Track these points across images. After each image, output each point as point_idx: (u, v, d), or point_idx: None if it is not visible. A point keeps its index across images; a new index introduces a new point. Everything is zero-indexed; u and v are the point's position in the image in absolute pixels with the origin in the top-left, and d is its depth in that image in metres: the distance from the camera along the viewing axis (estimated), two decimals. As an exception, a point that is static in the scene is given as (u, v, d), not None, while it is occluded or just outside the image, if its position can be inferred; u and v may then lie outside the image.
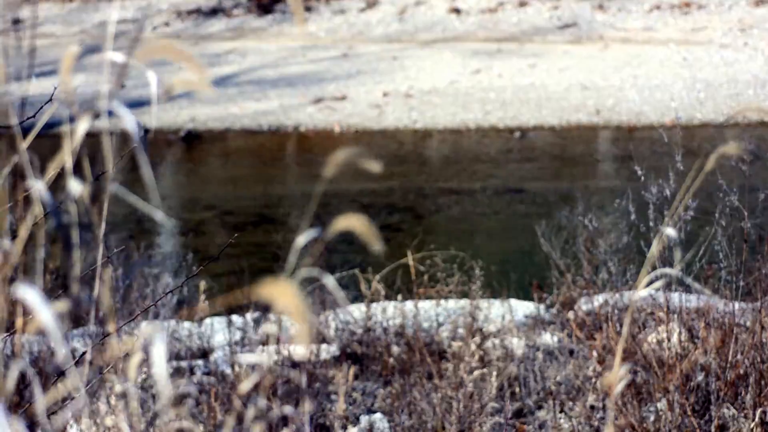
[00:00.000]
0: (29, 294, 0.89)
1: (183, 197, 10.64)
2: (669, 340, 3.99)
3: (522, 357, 4.45)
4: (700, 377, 3.78)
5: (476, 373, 4.12)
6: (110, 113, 1.19)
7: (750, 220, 4.04)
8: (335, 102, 13.50)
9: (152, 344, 1.00)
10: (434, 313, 5.06)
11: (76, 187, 1.02)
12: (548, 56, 14.90)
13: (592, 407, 3.90)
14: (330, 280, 1.13)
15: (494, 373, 4.15)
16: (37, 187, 1.02)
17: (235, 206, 10.31)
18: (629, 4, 16.63)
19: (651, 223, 3.90)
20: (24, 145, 1.15)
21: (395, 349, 4.74)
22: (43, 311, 0.88)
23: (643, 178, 4.01)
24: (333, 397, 4.27)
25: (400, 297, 4.95)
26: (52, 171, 1.15)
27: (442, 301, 5.13)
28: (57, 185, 1.08)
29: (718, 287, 4.23)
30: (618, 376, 1.42)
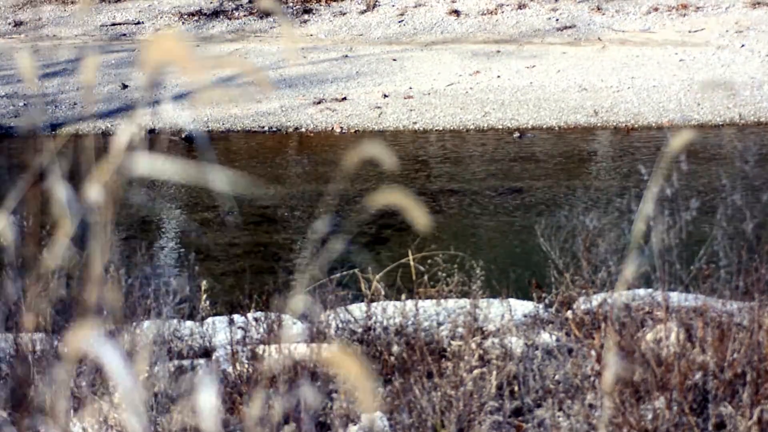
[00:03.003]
0: (110, 356, 0.88)
1: (185, 197, 10.67)
2: (667, 339, 4.03)
3: (521, 356, 4.47)
4: (698, 376, 3.81)
5: (476, 371, 4.15)
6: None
7: (749, 220, 4.08)
8: (335, 103, 13.54)
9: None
10: (434, 312, 5.08)
11: (96, 190, 1.05)
12: (547, 57, 14.94)
13: (591, 406, 3.93)
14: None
15: (493, 372, 4.18)
16: (61, 189, 1.05)
17: (237, 206, 10.34)
18: (627, 6, 16.67)
19: (651, 222, 3.93)
20: (48, 147, 1.18)
21: (395, 348, 4.77)
22: (125, 379, 0.88)
23: (645, 177, 4.04)
24: (333, 395, 4.30)
25: (404, 296, 4.97)
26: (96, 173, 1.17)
27: (442, 301, 5.15)
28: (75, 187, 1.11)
29: (716, 287, 4.26)
30: (612, 371, 1.46)
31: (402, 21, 16.75)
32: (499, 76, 14.32)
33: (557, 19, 16.45)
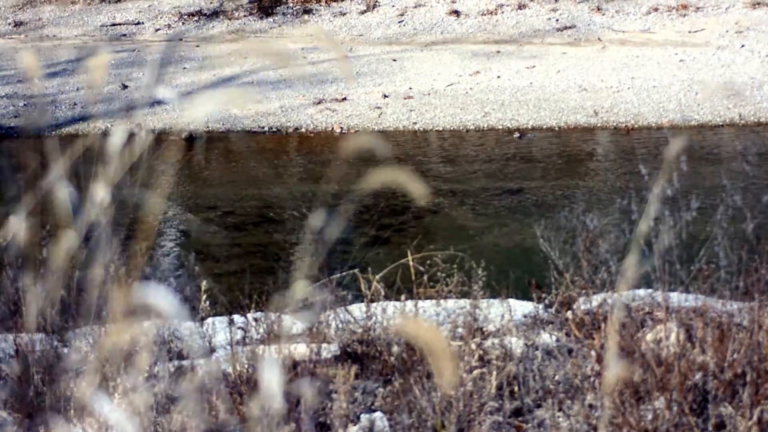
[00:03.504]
0: (156, 292, 0.91)
1: (185, 197, 10.67)
2: (667, 339, 4.03)
3: (521, 356, 4.47)
4: (698, 376, 3.81)
5: (475, 372, 4.15)
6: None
7: (750, 220, 4.08)
8: (335, 103, 13.54)
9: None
10: (434, 312, 5.08)
11: (100, 191, 1.05)
12: (547, 58, 14.95)
13: (591, 406, 3.92)
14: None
15: (493, 373, 4.18)
16: (63, 189, 1.05)
17: (237, 206, 10.35)
18: (627, 7, 16.67)
19: (652, 223, 3.93)
20: (48, 147, 1.18)
21: (395, 348, 4.76)
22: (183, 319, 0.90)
23: (646, 177, 4.05)
24: (333, 395, 4.30)
25: (403, 297, 4.97)
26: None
27: (442, 301, 5.15)
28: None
29: (716, 287, 4.26)
30: (612, 371, 1.46)
31: (402, 21, 16.75)
32: (499, 77, 14.32)
33: (557, 20, 16.45)
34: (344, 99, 13.62)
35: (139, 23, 17.09)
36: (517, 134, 12.68)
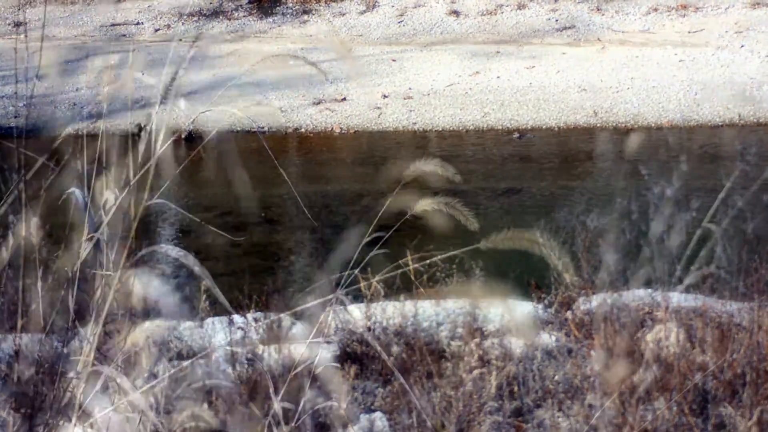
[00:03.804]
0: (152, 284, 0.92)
1: (185, 197, 10.67)
2: (667, 339, 4.03)
3: (521, 356, 4.47)
4: (698, 376, 3.81)
5: (475, 372, 4.15)
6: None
7: (750, 220, 4.08)
8: (335, 104, 13.54)
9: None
10: (433, 312, 5.08)
11: (101, 191, 1.05)
12: (546, 58, 14.95)
13: (591, 406, 3.93)
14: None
15: (493, 373, 4.18)
16: (66, 189, 1.06)
17: (236, 206, 10.35)
18: (627, 7, 16.67)
19: (654, 222, 3.93)
20: (49, 147, 1.18)
21: (395, 348, 4.76)
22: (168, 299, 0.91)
23: (646, 178, 4.05)
24: (333, 395, 4.29)
25: (402, 297, 4.97)
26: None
27: (442, 301, 5.15)
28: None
29: (716, 287, 4.27)
30: (612, 371, 1.46)
31: (401, 21, 16.75)
32: (498, 77, 14.32)
33: (557, 20, 16.45)
34: (344, 99, 13.62)
35: (138, 23, 17.10)
36: (516, 134, 12.68)
